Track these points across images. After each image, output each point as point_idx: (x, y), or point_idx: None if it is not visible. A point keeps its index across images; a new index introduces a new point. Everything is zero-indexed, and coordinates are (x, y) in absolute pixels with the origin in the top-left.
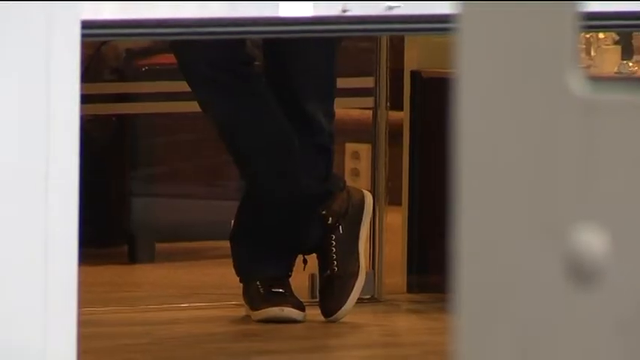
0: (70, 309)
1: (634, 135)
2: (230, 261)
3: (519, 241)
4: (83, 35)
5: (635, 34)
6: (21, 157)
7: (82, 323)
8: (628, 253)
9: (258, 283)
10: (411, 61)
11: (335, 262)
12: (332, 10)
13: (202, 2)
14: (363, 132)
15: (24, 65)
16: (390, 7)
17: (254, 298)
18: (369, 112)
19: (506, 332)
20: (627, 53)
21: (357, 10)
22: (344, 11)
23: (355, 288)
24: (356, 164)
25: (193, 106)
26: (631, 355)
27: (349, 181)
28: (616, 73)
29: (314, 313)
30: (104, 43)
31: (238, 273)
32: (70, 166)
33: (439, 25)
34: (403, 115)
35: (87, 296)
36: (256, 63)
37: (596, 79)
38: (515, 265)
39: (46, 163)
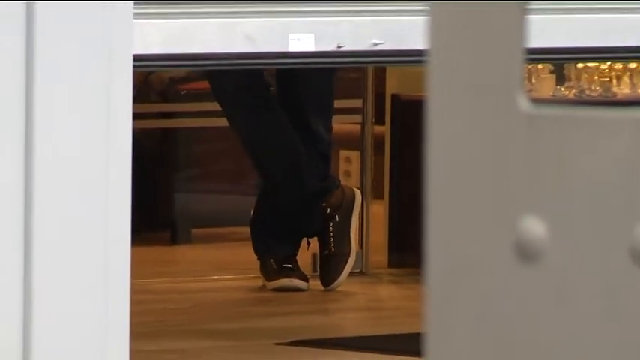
0: (125, 280)
1: (567, 141)
2: (250, 243)
3: (478, 228)
4: (135, 66)
5: (565, 64)
6: (87, 160)
7: (135, 291)
8: (563, 237)
9: (271, 260)
10: (392, 86)
11: (332, 244)
12: (330, 46)
13: (229, 40)
14: (353, 142)
15: (91, 89)
16: (375, 44)
17: (269, 272)
18: (358, 127)
19: (466, 299)
20: (560, 80)
21: (349, 46)
22: (339, 47)
23: (348, 264)
24: (348, 167)
25: (222, 122)
26: (566, 317)
27: (343, 181)
28: (552, 96)
29: (315, 283)
30: (151, 71)
31: (256, 252)
32: (124, 169)
33: (413, 57)
34: (385, 129)
35: (138, 270)
36: (271, 88)
37: (536, 100)
38: (475, 247)
39: (106, 166)
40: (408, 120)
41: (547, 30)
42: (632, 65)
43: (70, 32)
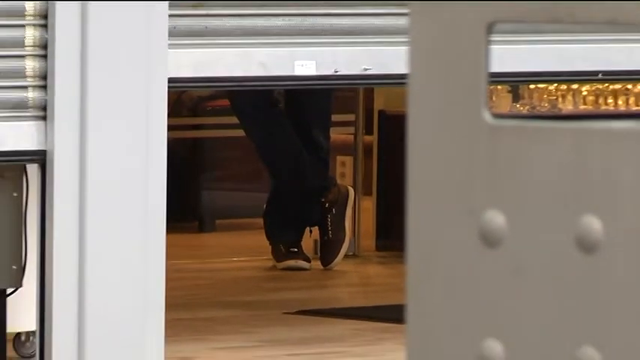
0: (161, 261)
1: (522, 147)
2: (263, 231)
3: (449, 218)
4: (169, 87)
5: (520, 86)
6: (130, 163)
7: (169, 271)
8: (519, 227)
9: (280, 245)
10: (379, 103)
11: (329, 232)
12: (328, 71)
13: (246, 66)
14: (347, 149)
15: (134, 104)
16: (365, 69)
17: (278, 255)
18: (352, 136)
19: (439, 277)
20: (516, 99)
21: (344, 71)
22: (335, 72)
23: (342, 248)
24: (343, 169)
25: (240, 133)
26: (520, 291)
27: (338, 180)
28: (509, 111)
29: (316, 264)
30: (184, 91)
31: (268, 238)
32: (160, 171)
33: (396, 80)
34: (373, 139)
35: (172, 253)
36: (280, 105)
37: (497, 115)
38: (447, 234)
39: (146, 169)
40: (392, 131)
41: (506, 57)
42: (574, 86)
43: (118, 60)
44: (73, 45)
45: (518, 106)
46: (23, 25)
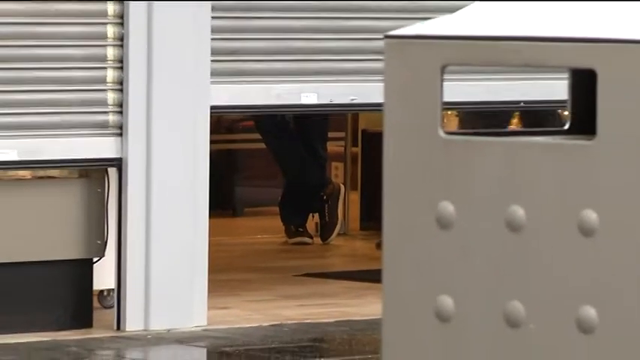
0: (205, 237)
1: (468, 155)
2: (278, 216)
3: (414, 207)
4: (211, 112)
5: (463, 111)
6: (182, 167)
7: (211, 244)
8: (465, 214)
9: (291, 226)
10: (362, 124)
11: (327, 216)
12: (325, 100)
13: (266, 97)
14: (339, 157)
15: (185, 125)
16: (352, 99)
17: (289, 233)
18: (342, 148)
19: (406, 250)
20: (461, 123)
21: (337, 100)
22: (331, 101)
23: (336, 228)
24: (336, 172)
25: (262, 145)
26: (467, 265)
27: (333, 179)
28: (456, 129)
29: (317, 240)
30: (222, 115)
31: (282, 221)
32: (204, 172)
33: (375, 107)
34: (358, 150)
35: (213, 232)
36: (290, 125)
37: (448, 132)
38: (412, 219)
39: (194, 171)
40: (371, 144)
41: (455, 90)
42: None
43: (173, 96)
44: (140, 86)
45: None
46: (105, 67)
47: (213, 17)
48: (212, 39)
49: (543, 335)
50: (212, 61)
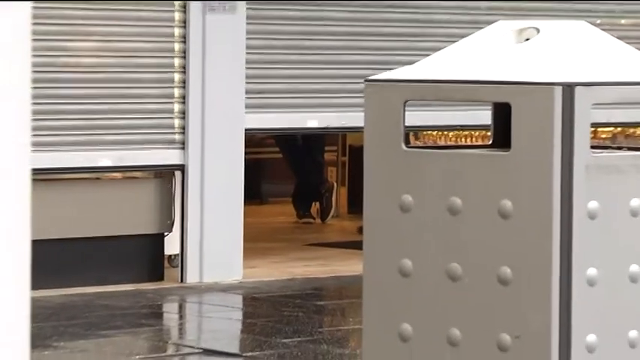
0: (240, 215)
1: (422, 161)
2: (292, 204)
3: (384, 196)
4: (245, 133)
5: (418, 132)
6: (226, 171)
7: (245, 224)
8: (420, 202)
9: (300, 211)
10: (349, 140)
11: (324, 204)
12: (323, 124)
13: (283, 122)
14: (333, 163)
15: (228, 144)
16: (343, 124)
17: (299, 216)
18: (335, 157)
19: (379, 226)
20: (417, 138)
21: (332, 125)
22: (327, 125)
23: (331, 212)
24: (331, 174)
25: (280, 155)
26: (419, 232)
27: (328, 179)
28: (414, 144)
29: (318, 221)
30: (253, 134)
31: (294, 207)
32: (240, 174)
33: (358, 129)
34: (346, 159)
35: (248, 215)
36: (299, 141)
37: (408, 146)
38: (383, 205)
39: (233, 173)
40: (356, 155)
41: (415, 116)
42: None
43: (218, 124)
44: (197, 115)
45: (418, 142)
46: (172, 102)
47: (247, 68)
48: (246, 83)
49: (474, 287)
50: (246, 98)
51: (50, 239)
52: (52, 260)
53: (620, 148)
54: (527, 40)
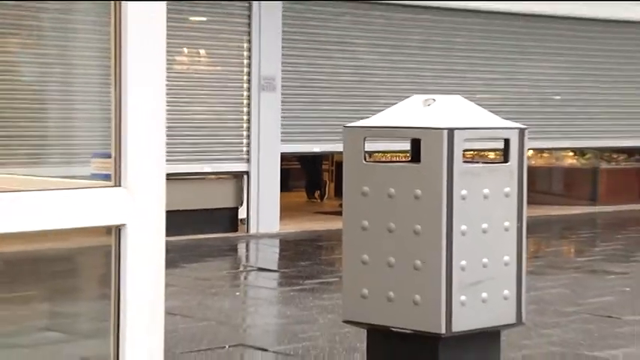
0: (277, 197)
1: (375, 170)
2: (304, 192)
3: (355, 190)
4: (280, 154)
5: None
6: (268, 180)
7: (281, 201)
8: (373, 191)
9: (309, 195)
10: (336, 157)
11: (322, 191)
12: (322, 150)
13: (301, 149)
14: (326, 170)
15: (270, 161)
16: (333, 150)
17: (308, 197)
18: (328, 166)
19: (352, 205)
20: (370, 157)
21: (327, 150)
22: (324, 150)
23: (326, 196)
24: (325, 176)
25: (298, 166)
26: (376, 211)
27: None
28: (371, 159)
29: (318, 201)
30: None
31: (306, 194)
32: (277, 176)
33: (340, 152)
34: (334, 168)
35: (281, 196)
36: (309, 158)
37: (367, 160)
38: (354, 194)
39: (274, 177)
40: (339, 165)
41: (374, 145)
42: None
43: (267, 147)
44: (255, 141)
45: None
46: (242, 135)
47: (281, 121)
48: (281, 128)
49: (401, 236)
50: (281, 135)
51: (178, 210)
52: (180, 220)
53: (477, 162)
54: (429, 105)
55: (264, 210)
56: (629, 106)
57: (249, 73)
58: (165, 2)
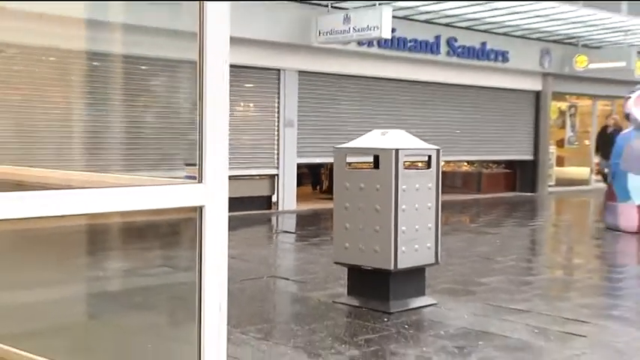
0: (294, 189)
1: (355, 173)
2: (311, 186)
3: (340, 185)
4: (297, 165)
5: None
6: (289, 176)
7: (298, 192)
8: (352, 186)
9: (314, 188)
10: (330, 165)
11: (322, 185)
12: (322, 160)
13: (309, 160)
14: (324, 172)
15: (291, 168)
16: (327, 159)
17: (313, 189)
18: (325, 170)
19: (338, 191)
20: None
21: (325, 161)
22: (323, 161)
23: (323, 188)
24: (323, 176)
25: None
26: (354, 198)
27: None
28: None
29: (318, 192)
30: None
31: (312, 187)
32: (294, 176)
33: (331, 163)
34: (328, 172)
35: (298, 190)
36: (314, 165)
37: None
38: (340, 187)
39: (292, 177)
40: (332, 169)
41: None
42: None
43: (289, 159)
44: (282, 155)
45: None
46: (273, 153)
47: (298, 142)
48: (297, 147)
49: (364, 212)
50: (297, 151)
51: (236, 197)
52: (237, 203)
53: (411, 169)
54: (383, 135)
55: (287, 196)
56: (497, 136)
57: (278, 116)
58: (229, 73)
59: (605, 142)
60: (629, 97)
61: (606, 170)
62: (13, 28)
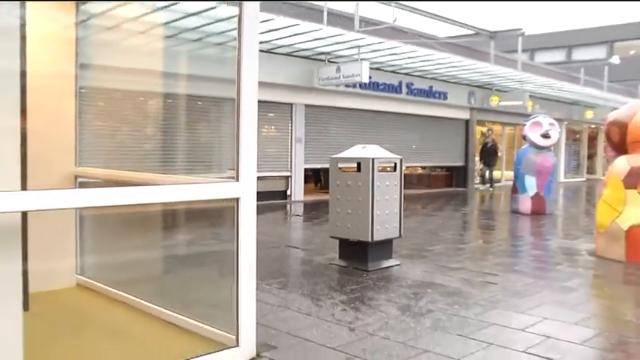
0: (302, 184)
1: (343, 174)
2: (313, 184)
3: (333, 182)
4: (305, 170)
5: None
6: (298, 176)
7: (306, 188)
8: (340, 182)
9: (315, 185)
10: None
11: (322, 183)
12: (322, 165)
13: (312, 165)
14: (323, 175)
15: (300, 171)
16: (326, 165)
17: (315, 185)
18: (324, 172)
19: (332, 185)
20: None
21: (324, 166)
22: (323, 166)
23: (322, 185)
24: (322, 176)
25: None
26: (338, 192)
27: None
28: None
29: (319, 188)
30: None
31: (314, 184)
32: (302, 176)
33: (328, 168)
34: (326, 173)
35: (305, 187)
36: (316, 169)
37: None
38: (334, 184)
39: (300, 178)
40: (326, 174)
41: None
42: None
43: (299, 166)
44: (293, 161)
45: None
46: (287, 162)
47: (305, 154)
48: (304, 157)
49: (352, 202)
50: (305, 159)
51: (261, 191)
52: (262, 195)
53: (383, 172)
54: (364, 148)
55: (297, 191)
56: (440, 149)
57: (290, 136)
58: (257, 107)
59: (487, 153)
60: (525, 125)
61: (487, 174)
62: (118, 80)
